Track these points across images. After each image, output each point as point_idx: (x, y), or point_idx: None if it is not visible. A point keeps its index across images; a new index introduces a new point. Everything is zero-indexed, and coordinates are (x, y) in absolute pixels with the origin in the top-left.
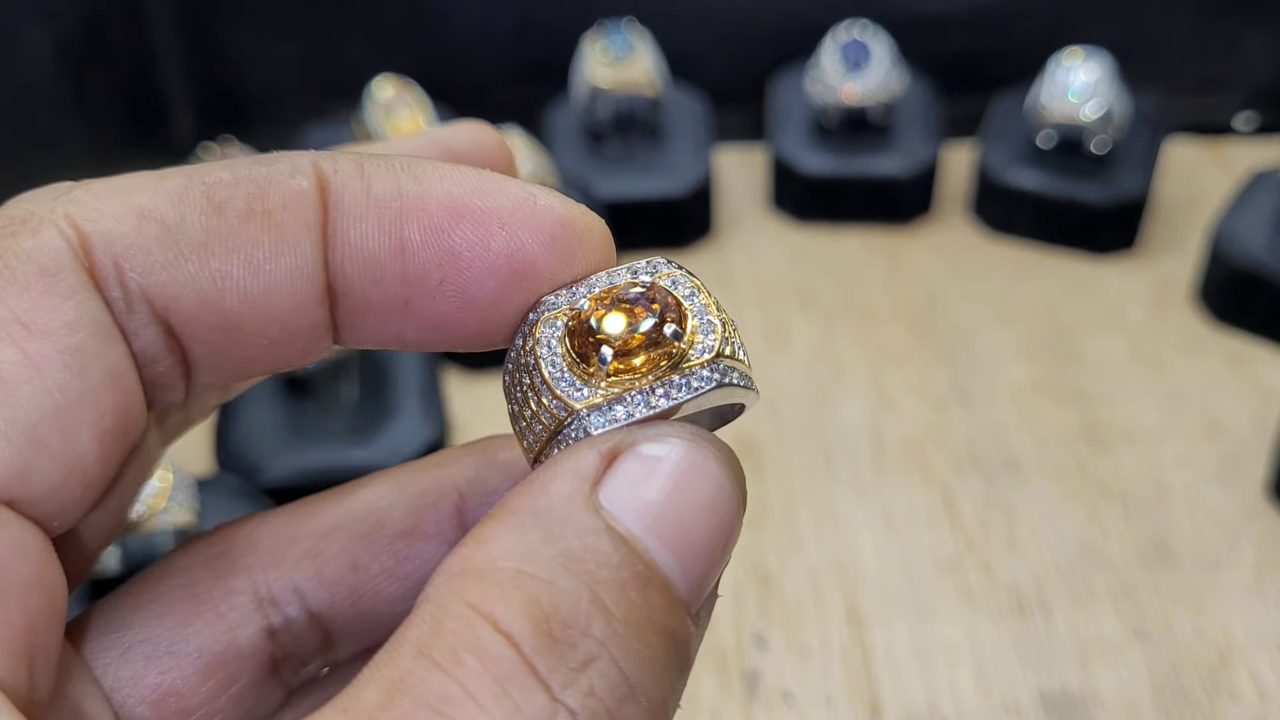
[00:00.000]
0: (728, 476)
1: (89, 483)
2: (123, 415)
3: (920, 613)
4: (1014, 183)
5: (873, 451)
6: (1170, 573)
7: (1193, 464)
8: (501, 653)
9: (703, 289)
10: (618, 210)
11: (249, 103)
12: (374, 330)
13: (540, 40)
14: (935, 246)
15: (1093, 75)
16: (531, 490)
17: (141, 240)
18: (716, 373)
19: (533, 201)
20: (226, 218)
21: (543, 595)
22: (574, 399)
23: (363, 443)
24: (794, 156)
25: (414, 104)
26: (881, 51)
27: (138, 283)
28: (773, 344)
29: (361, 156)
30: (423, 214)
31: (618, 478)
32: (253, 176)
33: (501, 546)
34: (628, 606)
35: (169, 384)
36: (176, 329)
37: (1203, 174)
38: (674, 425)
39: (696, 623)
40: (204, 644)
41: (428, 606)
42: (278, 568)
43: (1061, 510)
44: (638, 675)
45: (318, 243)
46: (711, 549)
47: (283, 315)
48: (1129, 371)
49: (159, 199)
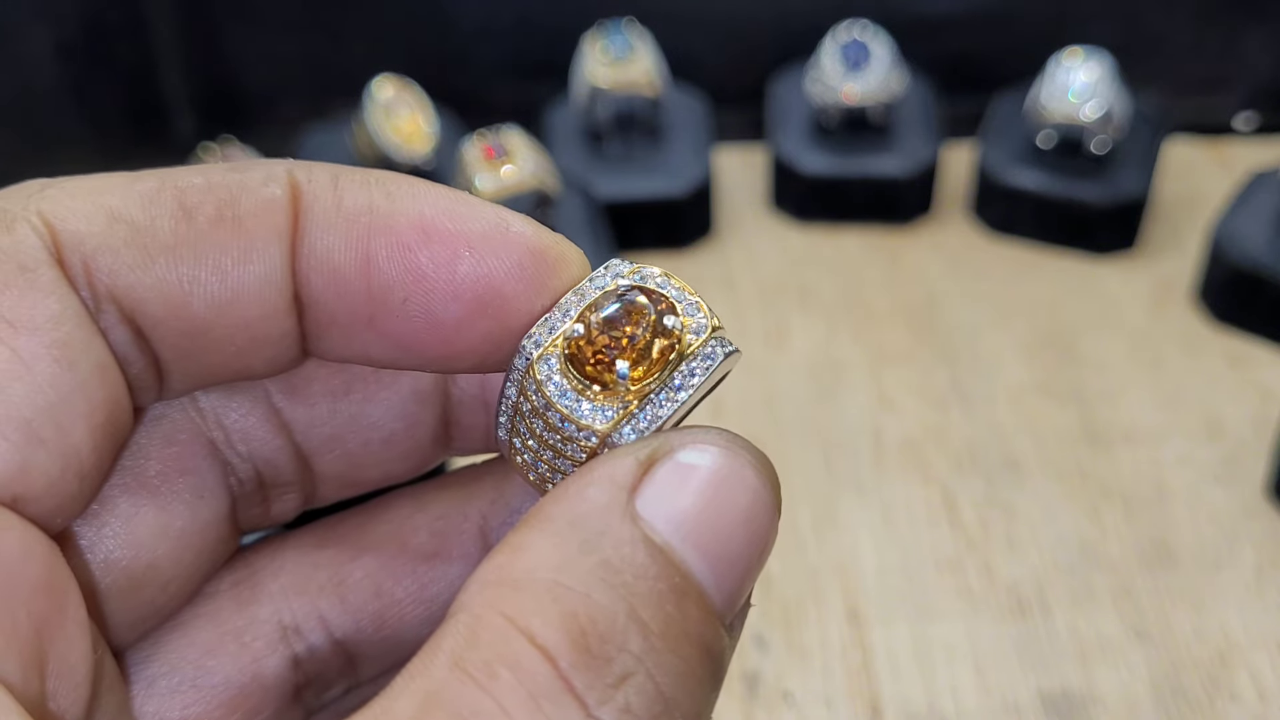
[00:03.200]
0: (764, 485)
1: (85, 475)
2: (112, 407)
3: (920, 613)
4: (1014, 183)
5: (873, 451)
6: (1170, 573)
7: (1193, 464)
8: (537, 668)
9: (670, 275)
10: (618, 210)
11: (249, 103)
12: (340, 344)
13: (540, 40)
14: (935, 246)
15: (1093, 75)
16: (568, 497)
17: (110, 241)
18: (719, 346)
19: (504, 228)
20: (196, 222)
21: (579, 608)
22: (598, 423)
23: None
24: (794, 156)
25: (414, 104)
26: (881, 51)
27: (105, 284)
28: (773, 344)
29: (339, 169)
30: (391, 231)
31: (655, 486)
32: (225, 183)
33: (538, 555)
34: (664, 620)
35: (143, 387)
36: (145, 332)
37: (1203, 174)
38: (710, 431)
39: (730, 634)
40: (228, 676)
41: (463, 615)
42: (302, 595)
43: (1061, 510)
44: (674, 690)
45: (286, 251)
46: (748, 559)
47: (250, 322)
48: (1129, 371)
49: (130, 201)
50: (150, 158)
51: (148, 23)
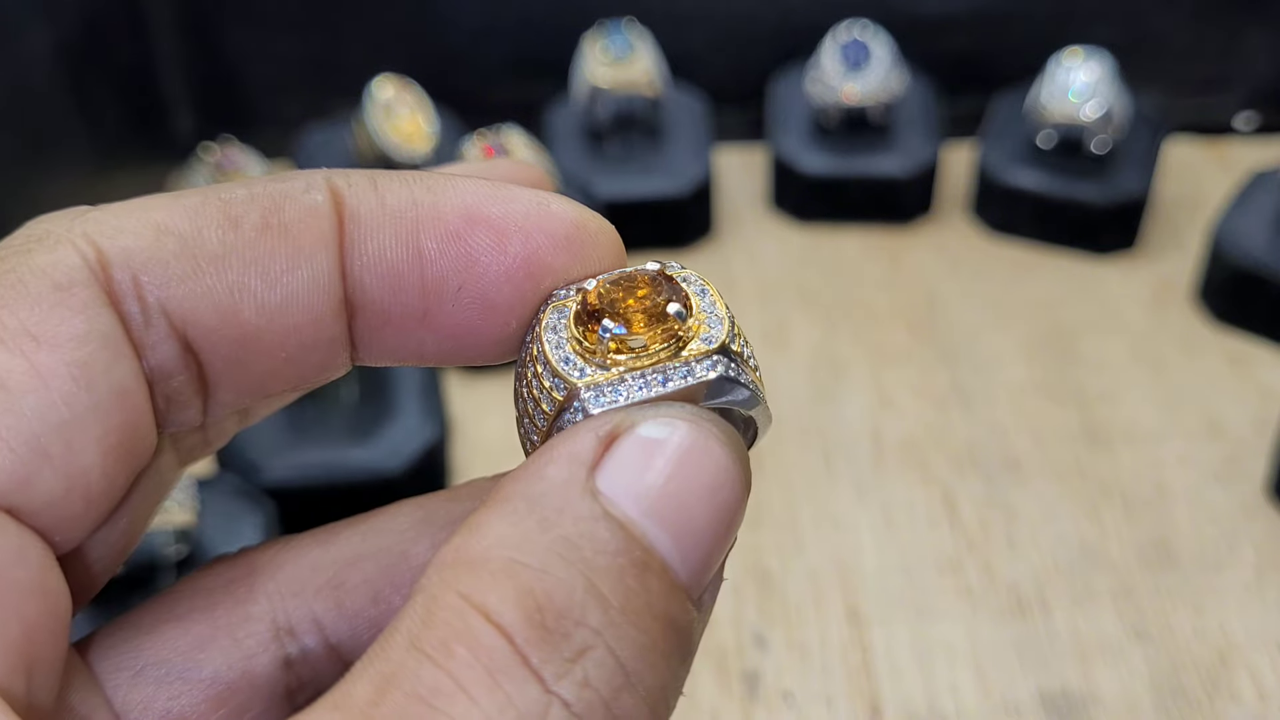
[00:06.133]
0: (731, 457)
1: (92, 499)
2: (129, 432)
3: (920, 613)
4: (1014, 183)
5: (873, 451)
6: (1170, 573)
7: (1193, 464)
8: (493, 643)
9: (712, 289)
10: (618, 210)
11: (249, 103)
12: (392, 344)
13: (540, 40)
14: (935, 246)
15: (1093, 75)
16: (526, 476)
17: (159, 254)
18: (719, 363)
19: (546, 207)
20: (243, 231)
21: (536, 584)
22: (574, 376)
23: (362, 443)
24: (794, 156)
25: (414, 104)
26: (881, 51)
27: (156, 296)
28: (773, 344)
29: (374, 172)
30: (438, 222)
31: (615, 461)
32: (268, 192)
33: (495, 534)
34: (625, 594)
35: (184, 401)
36: (194, 343)
37: (1203, 174)
38: (675, 406)
39: (699, 608)
40: (218, 671)
41: (420, 597)
42: (298, 596)
43: (1061, 510)
44: (635, 664)
45: (334, 255)
46: (714, 532)
47: (300, 328)
48: (1129, 371)
49: (176, 214)
50: (150, 158)
51: (147, 22)
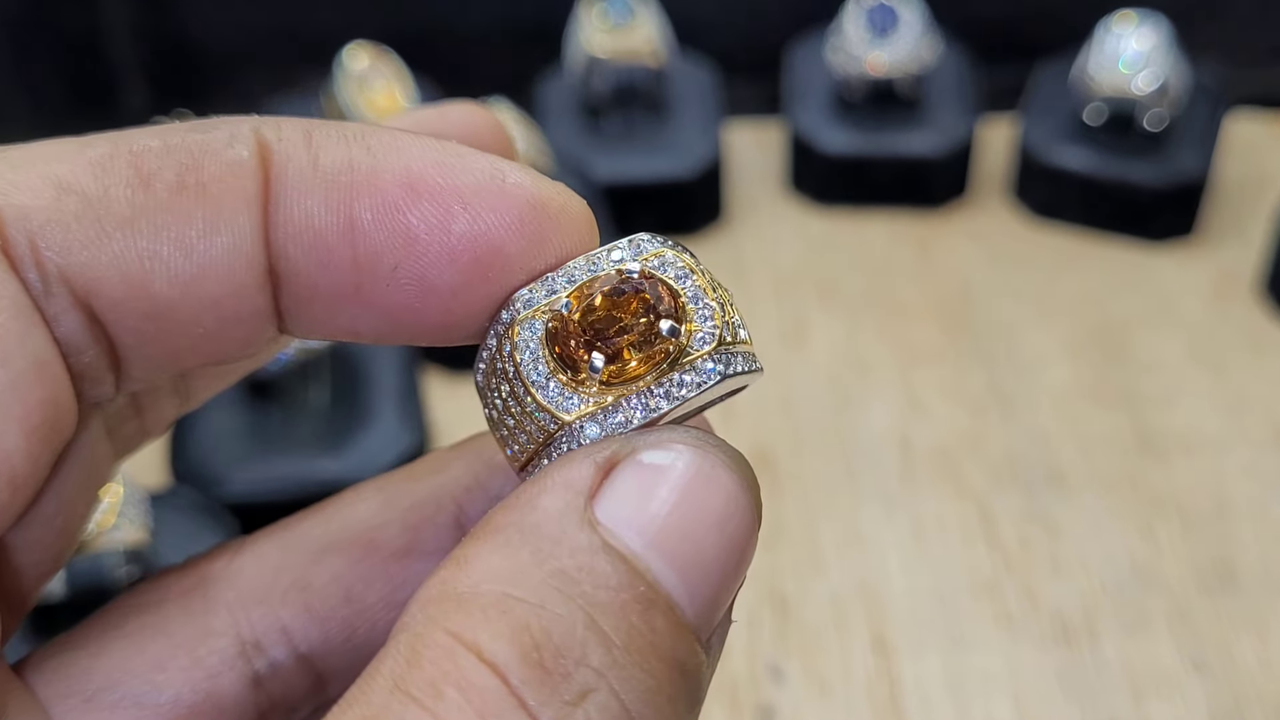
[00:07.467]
0: (740, 486)
1: (17, 484)
2: (51, 409)
3: (954, 641)
4: (1059, 162)
5: (901, 462)
6: (1232, 597)
7: (1257, 475)
8: (486, 684)
9: (695, 267)
10: (618, 194)
11: (206, 72)
12: (322, 319)
13: (531, 5)
14: (971, 233)
15: (1146, 43)
16: (519, 506)
17: (60, 216)
18: (720, 364)
19: (500, 179)
20: (155, 191)
21: (532, 620)
22: (563, 410)
23: (334, 452)
24: (814, 133)
25: (391, 75)
26: (911, 17)
27: (56, 263)
28: (789, 342)
29: (310, 124)
30: (375, 190)
31: (615, 490)
32: (186, 145)
33: (486, 568)
34: (629, 632)
35: (96, 377)
36: (100, 315)
37: (1268, 152)
38: (678, 430)
39: (707, 651)
40: (179, 694)
41: (404, 636)
42: (263, 604)
43: (1111, 527)
44: (641, 709)
45: (257, 220)
46: (722, 568)
47: (219, 300)
48: (1186, 372)
49: (80, 169)
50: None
51: None
